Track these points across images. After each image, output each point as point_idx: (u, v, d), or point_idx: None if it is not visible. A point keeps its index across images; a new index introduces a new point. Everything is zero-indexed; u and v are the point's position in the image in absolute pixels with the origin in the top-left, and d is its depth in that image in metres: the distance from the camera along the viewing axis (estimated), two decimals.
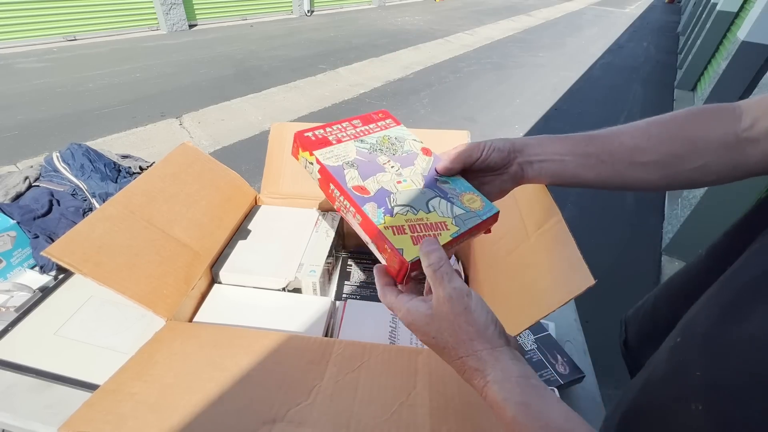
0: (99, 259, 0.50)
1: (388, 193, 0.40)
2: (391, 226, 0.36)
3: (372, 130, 0.47)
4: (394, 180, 0.41)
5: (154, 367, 0.45)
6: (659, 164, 0.40)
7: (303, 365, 0.45)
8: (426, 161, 0.45)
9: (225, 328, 0.53)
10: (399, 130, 0.48)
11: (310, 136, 0.44)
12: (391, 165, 0.43)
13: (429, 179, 0.43)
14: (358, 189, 0.39)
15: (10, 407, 0.52)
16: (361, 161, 0.42)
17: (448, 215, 0.39)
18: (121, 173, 0.91)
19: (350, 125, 0.47)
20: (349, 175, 0.40)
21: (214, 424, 0.40)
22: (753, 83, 2.23)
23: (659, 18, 9.97)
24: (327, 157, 0.41)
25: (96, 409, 0.41)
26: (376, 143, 0.45)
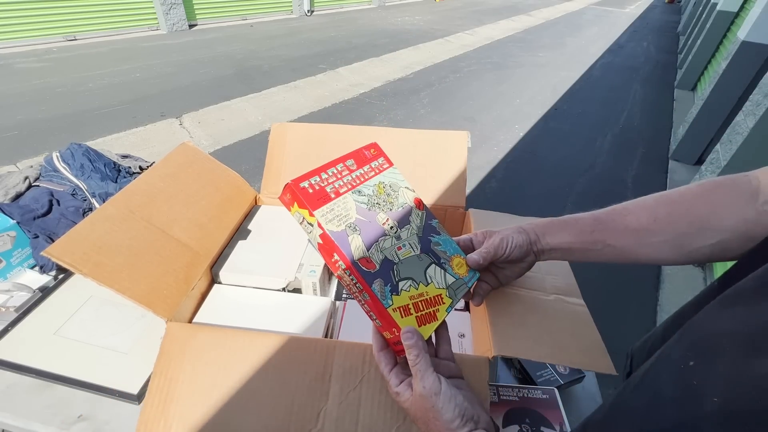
0: (99, 259, 0.49)
1: (392, 265, 0.41)
2: (399, 308, 0.39)
3: (367, 175, 0.45)
4: (395, 246, 0.42)
5: (173, 404, 0.46)
6: (670, 244, 0.40)
7: (308, 383, 0.46)
8: (419, 217, 0.47)
9: (224, 330, 0.53)
10: (392, 175, 0.48)
11: (306, 188, 0.40)
12: (389, 225, 0.43)
13: (424, 242, 0.45)
14: (364, 263, 0.39)
15: (10, 407, 0.52)
16: (362, 222, 0.41)
17: (443, 285, 0.43)
18: (121, 173, 0.91)
19: (345, 168, 0.44)
20: (354, 244, 0.39)
21: None
22: (753, 83, 2.23)
23: (659, 18, 9.97)
24: (329, 220, 0.39)
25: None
26: (373, 195, 0.44)
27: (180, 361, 0.48)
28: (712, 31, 3.93)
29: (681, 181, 2.67)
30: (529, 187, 2.64)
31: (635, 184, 2.72)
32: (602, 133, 3.41)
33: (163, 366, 0.47)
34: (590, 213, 0.45)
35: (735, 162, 1.69)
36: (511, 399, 0.53)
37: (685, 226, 0.39)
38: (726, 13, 3.78)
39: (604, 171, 2.90)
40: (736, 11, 3.71)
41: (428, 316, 0.41)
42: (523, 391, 0.54)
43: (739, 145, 1.65)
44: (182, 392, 0.46)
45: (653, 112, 4.02)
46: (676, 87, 4.58)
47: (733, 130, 1.77)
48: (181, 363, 0.48)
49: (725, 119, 2.57)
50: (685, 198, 0.40)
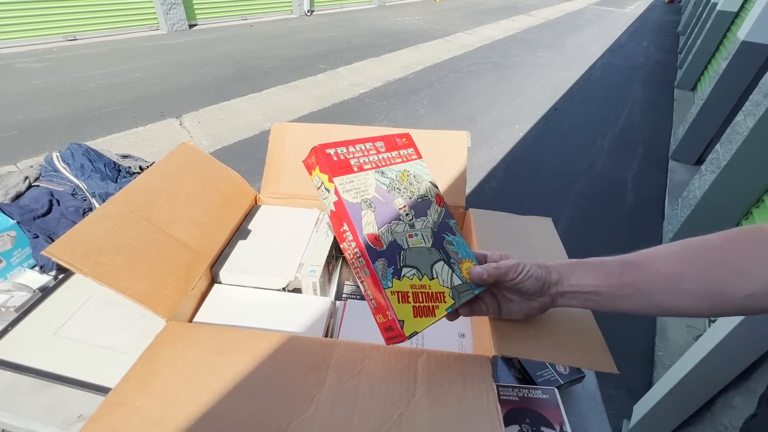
0: (99, 258, 0.49)
1: (400, 249, 0.40)
2: (398, 292, 0.38)
3: (393, 160, 0.46)
4: (407, 233, 0.41)
5: (156, 377, 0.45)
6: (702, 292, 0.37)
7: (303, 371, 0.45)
8: (437, 213, 0.46)
9: (225, 330, 0.53)
10: (418, 166, 0.48)
11: (331, 155, 0.40)
12: (405, 212, 0.43)
13: (438, 237, 0.44)
14: (372, 239, 0.38)
15: (10, 407, 0.52)
16: (378, 201, 0.41)
17: (447, 285, 0.42)
18: (121, 173, 0.91)
19: (374, 148, 0.45)
20: (365, 219, 0.39)
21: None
22: (753, 83, 2.23)
23: (659, 18, 9.96)
24: (346, 189, 0.39)
25: (102, 425, 0.41)
26: (396, 179, 0.44)
27: (171, 349, 0.48)
28: (712, 31, 3.93)
29: (681, 180, 2.67)
30: (529, 187, 2.64)
31: (635, 184, 2.72)
32: (602, 133, 3.41)
33: (149, 353, 0.47)
34: (616, 257, 0.42)
35: (735, 162, 1.69)
36: (511, 399, 0.53)
37: (717, 273, 0.37)
38: (726, 13, 3.78)
39: (604, 171, 2.90)
40: (736, 11, 3.71)
41: (426, 309, 0.40)
42: (523, 390, 0.54)
43: (739, 145, 1.65)
44: (162, 375, 0.45)
45: (653, 112, 4.02)
46: (676, 87, 4.58)
47: (733, 130, 1.77)
48: (172, 350, 0.48)
49: (725, 119, 2.56)
50: (712, 245, 0.39)
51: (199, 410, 0.42)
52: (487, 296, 0.46)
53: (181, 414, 0.42)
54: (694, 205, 1.85)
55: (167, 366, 0.46)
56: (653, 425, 1.20)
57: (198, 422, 0.41)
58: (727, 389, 1.03)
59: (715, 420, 1.03)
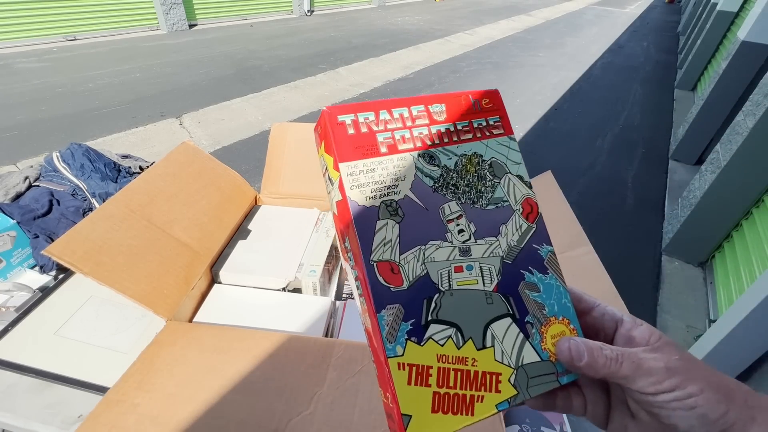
0: (99, 258, 0.49)
1: (432, 291, 0.25)
2: (411, 366, 0.23)
3: (458, 135, 0.28)
4: (453, 264, 0.25)
5: (156, 375, 0.45)
6: None
7: (303, 369, 0.45)
8: (520, 231, 0.28)
9: (225, 330, 0.53)
10: (502, 148, 0.29)
11: (345, 124, 0.25)
12: (459, 227, 0.26)
13: (511, 274, 0.27)
14: (386, 270, 0.24)
15: (10, 407, 0.52)
16: (412, 206, 0.25)
17: (511, 362, 0.25)
18: (121, 173, 0.91)
19: (426, 112, 0.27)
20: (380, 236, 0.24)
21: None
22: (753, 83, 2.23)
23: (659, 18, 9.96)
24: (358, 184, 0.25)
25: (101, 422, 0.41)
26: (454, 169, 0.27)
27: (171, 348, 0.48)
28: (712, 31, 3.93)
29: (681, 180, 2.67)
30: None
31: (635, 184, 2.72)
32: (602, 133, 3.41)
33: (149, 352, 0.47)
34: None
35: (735, 162, 1.69)
36: None
37: None
38: (726, 13, 3.78)
39: (604, 171, 2.90)
40: (736, 11, 3.71)
41: (458, 401, 0.23)
42: None
43: (739, 145, 1.65)
44: (162, 373, 0.45)
45: (653, 112, 4.02)
46: (676, 87, 4.58)
47: (733, 130, 1.77)
48: (172, 349, 0.48)
49: (725, 119, 2.56)
50: None
51: (199, 408, 0.42)
52: (589, 388, 0.27)
53: (181, 411, 0.42)
54: (694, 205, 1.85)
55: (167, 364, 0.46)
56: None
57: (197, 420, 0.41)
58: None
59: None
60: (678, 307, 1.72)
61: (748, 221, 1.68)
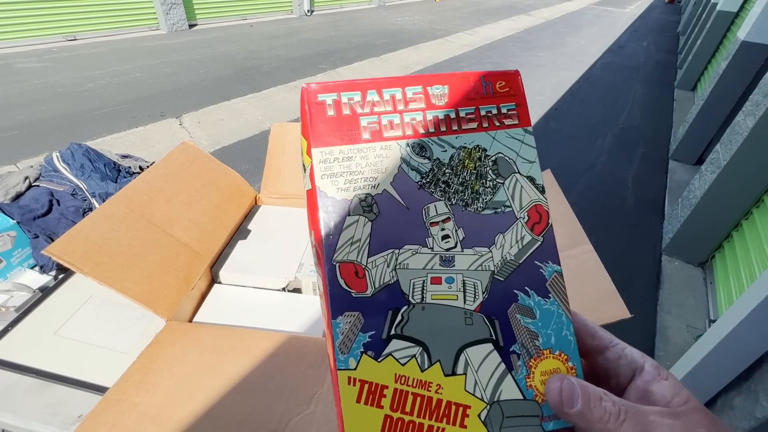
0: (99, 258, 0.50)
1: (402, 302, 0.21)
2: (363, 381, 0.20)
3: (460, 124, 0.24)
4: (430, 274, 0.22)
5: (156, 375, 0.45)
6: None
7: (303, 369, 0.45)
8: (521, 243, 0.23)
9: (225, 330, 0.53)
10: (511, 141, 0.24)
11: (325, 104, 0.22)
12: (444, 233, 0.22)
13: (502, 291, 0.22)
14: (349, 273, 0.21)
15: (10, 407, 0.52)
16: (391, 203, 0.22)
17: (484, 395, 0.21)
18: (121, 173, 0.91)
19: (423, 94, 0.23)
20: (348, 233, 0.21)
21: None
22: (753, 83, 2.23)
23: (659, 18, 9.96)
24: (331, 172, 0.22)
25: (101, 421, 0.41)
26: (448, 164, 0.23)
27: (171, 348, 0.48)
28: (712, 31, 3.93)
29: (681, 180, 2.67)
30: None
31: (635, 184, 2.72)
32: (602, 133, 3.41)
33: (149, 352, 0.47)
34: None
35: (735, 162, 1.69)
36: None
37: None
38: (726, 13, 3.78)
39: (604, 171, 2.90)
40: (736, 11, 3.71)
41: (413, 429, 0.20)
42: None
43: (739, 145, 1.65)
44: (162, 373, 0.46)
45: (653, 112, 4.02)
46: (676, 87, 4.58)
47: (733, 130, 1.77)
48: (172, 349, 0.48)
49: (725, 119, 2.56)
50: None
51: (199, 407, 0.42)
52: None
53: (181, 411, 0.42)
54: (694, 205, 1.85)
55: (167, 364, 0.46)
56: None
57: (197, 419, 0.41)
58: (728, 389, 1.02)
59: None
60: (678, 307, 1.72)
61: (748, 221, 1.68)
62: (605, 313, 0.42)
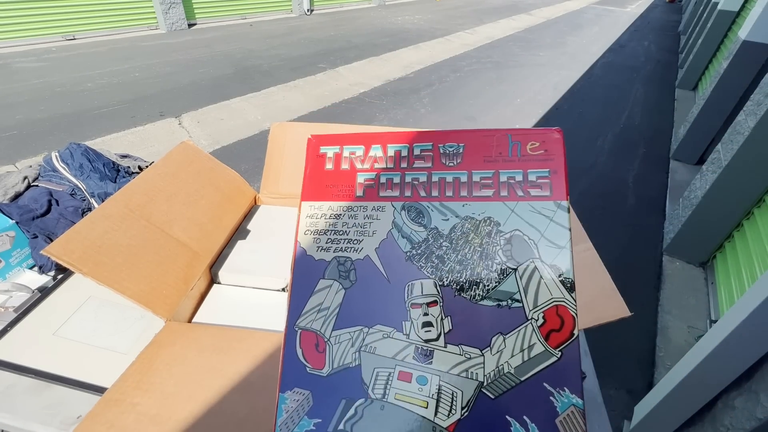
0: (98, 258, 0.49)
1: (359, 394, 0.17)
2: None
3: (471, 189, 0.19)
4: (399, 366, 0.18)
5: (155, 375, 0.45)
6: None
7: None
8: (533, 354, 0.17)
9: (224, 330, 0.53)
10: (535, 217, 0.19)
11: (326, 156, 0.20)
12: (426, 319, 0.18)
13: (491, 413, 0.17)
14: (309, 343, 0.18)
15: (9, 407, 0.51)
16: (371, 271, 0.19)
17: None
18: (120, 173, 0.91)
19: (433, 153, 0.19)
20: (318, 298, 0.19)
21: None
22: (754, 83, 2.23)
23: (660, 17, 9.95)
24: (315, 227, 0.19)
25: (99, 421, 0.40)
26: (448, 235, 0.19)
27: (170, 348, 0.48)
28: (713, 30, 3.92)
29: (682, 180, 2.66)
30: None
31: (636, 183, 2.72)
32: (603, 133, 3.40)
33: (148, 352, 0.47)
34: None
35: (736, 162, 1.68)
36: None
37: None
38: (727, 12, 3.77)
39: (605, 170, 2.89)
40: (737, 11, 3.70)
41: None
42: None
43: (740, 145, 1.65)
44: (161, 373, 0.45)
45: (654, 111, 4.02)
46: (677, 86, 4.57)
47: (734, 130, 1.76)
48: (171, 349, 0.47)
49: (726, 119, 2.56)
50: None
51: (198, 407, 0.42)
52: None
53: (180, 411, 0.41)
54: (695, 205, 1.85)
55: (166, 364, 0.46)
56: (654, 426, 1.20)
57: (196, 419, 0.41)
58: (729, 390, 1.02)
59: (717, 421, 1.02)
60: (679, 307, 1.71)
61: (750, 221, 1.67)
62: (605, 311, 0.41)
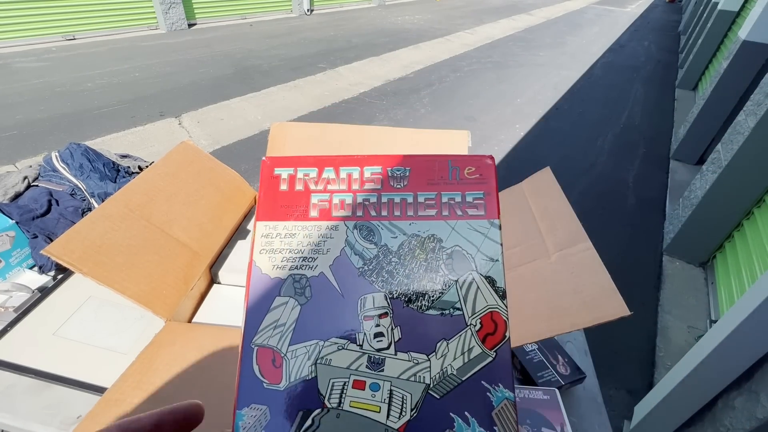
0: (99, 258, 0.49)
1: (316, 404, 0.19)
2: None
3: (417, 210, 0.22)
4: (354, 376, 0.20)
5: (155, 375, 0.45)
6: None
7: None
8: (471, 357, 0.20)
9: (224, 330, 0.53)
10: (472, 234, 0.22)
11: (281, 177, 0.22)
12: (377, 330, 0.20)
13: (436, 411, 0.19)
14: (265, 360, 0.20)
15: (9, 407, 0.51)
16: (326, 287, 0.21)
17: None
18: (120, 173, 0.91)
19: (382, 175, 0.23)
20: (274, 315, 0.20)
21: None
22: (754, 83, 2.23)
23: (660, 17, 9.95)
24: (270, 246, 0.21)
25: (100, 421, 0.40)
26: (396, 252, 0.21)
27: (170, 348, 0.48)
28: (713, 30, 3.92)
29: (682, 180, 2.66)
30: None
31: (636, 183, 2.72)
32: (603, 133, 3.40)
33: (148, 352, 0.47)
34: None
35: (736, 162, 1.68)
36: None
37: None
38: (727, 12, 3.77)
39: (605, 170, 2.89)
40: (737, 11, 3.70)
41: None
42: (524, 391, 0.54)
43: (740, 145, 1.65)
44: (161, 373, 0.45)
45: (654, 111, 4.02)
46: (677, 86, 4.58)
47: (734, 130, 1.76)
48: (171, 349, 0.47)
49: (726, 119, 2.56)
50: None
51: None
52: None
53: None
54: (695, 205, 1.85)
55: (166, 365, 0.46)
56: (654, 426, 1.20)
57: None
58: (729, 390, 1.02)
59: (716, 421, 1.02)
60: (679, 307, 1.71)
61: (750, 221, 1.67)
62: (605, 310, 0.41)
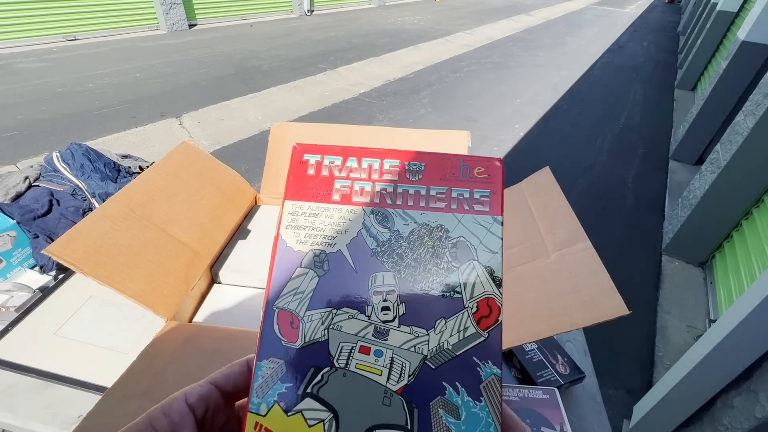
0: (99, 258, 0.49)
1: (326, 363, 0.22)
2: (268, 430, 0.21)
3: (428, 201, 0.24)
4: (361, 342, 0.22)
5: (156, 375, 0.45)
6: None
7: None
8: (466, 335, 0.22)
9: (225, 330, 0.53)
10: (477, 228, 0.24)
11: (308, 164, 0.26)
12: (385, 304, 0.23)
13: (431, 379, 0.22)
14: (285, 321, 0.22)
15: (10, 407, 0.52)
16: (342, 263, 0.23)
17: None
18: (120, 173, 0.91)
19: (399, 168, 0.25)
20: (294, 283, 0.23)
21: None
22: (753, 83, 2.23)
23: (659, 18, 9.96)
24: (295, 223, 0.24)
25: (98, 421, 0.41)
26: (407, 237, 0.24)
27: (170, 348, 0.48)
28: (712, 31, 3.93)
29: (681, 180, 2.67)
30: None
31: (635, 183, 2.72)
32: (602, 133, 3.41)
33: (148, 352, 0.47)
34: None
35: (735, 162, 1.69)
36: (511, 399, 0.53)
37: None
38: (726, 13, 3.78)
39: (604, 171, 2.90)
40: (736, 11, 3.71)
41: None
42: (524, 391, 0.54)
43: (739, 145, 1.65)
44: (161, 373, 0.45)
45: (653, 111, 4.02)
46: (676, 87, 4.58)
47: (733, 130, 1.77)
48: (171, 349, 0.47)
49: (725, 119, 2.57)
50: None
51: None
52: None
53: None
54: (694, 205, 1.85)
55: (166, 364, 0.46)
56: (653, 425, 1.20)
57: None
58: (728, 389, 1.02)
59: (716, 420, 1.02)
60: (678, 307, 1.72)
61: (749, 221, 1.68)
62: (604, 310, 0.41)
